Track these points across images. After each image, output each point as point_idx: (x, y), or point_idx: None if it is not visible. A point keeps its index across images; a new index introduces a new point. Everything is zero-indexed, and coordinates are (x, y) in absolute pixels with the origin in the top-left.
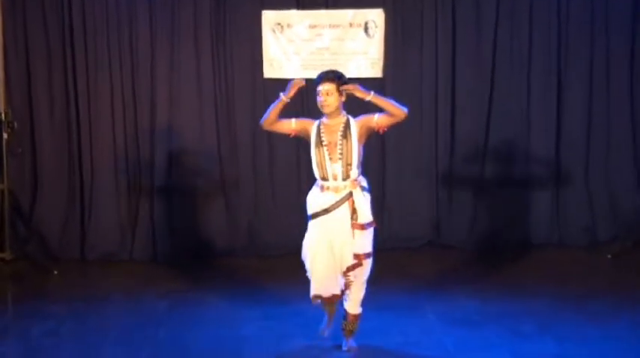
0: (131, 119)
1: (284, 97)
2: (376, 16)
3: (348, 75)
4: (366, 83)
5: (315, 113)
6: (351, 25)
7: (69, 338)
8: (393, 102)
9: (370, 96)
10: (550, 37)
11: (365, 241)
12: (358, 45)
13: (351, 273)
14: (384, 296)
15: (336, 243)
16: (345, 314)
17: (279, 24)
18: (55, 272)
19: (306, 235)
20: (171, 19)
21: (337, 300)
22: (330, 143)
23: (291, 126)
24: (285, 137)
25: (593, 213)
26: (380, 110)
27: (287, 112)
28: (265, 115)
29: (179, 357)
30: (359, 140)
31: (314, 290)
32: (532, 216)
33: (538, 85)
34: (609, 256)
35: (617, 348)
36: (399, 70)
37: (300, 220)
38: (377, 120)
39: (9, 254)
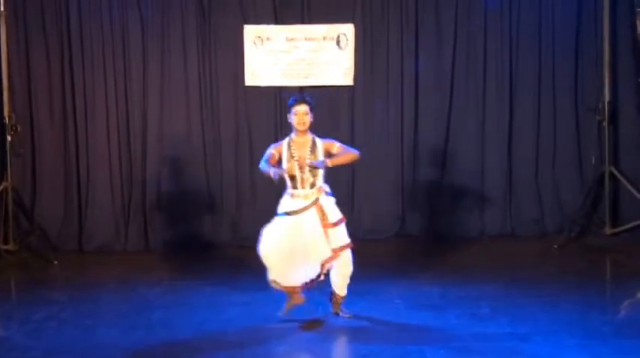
0: (124, 122)
1: (272, 174)
2: (347, 30)
3: (322, 83)
4: (339, 90)
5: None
6: (324, 38)
7: (68, 322)
8: (347, 153)
9: (329, 164)
10: (502, 51)
11: (340, 235)
12: (331, 56)
13: (327, 265)
14: (355, 282)
15: (308, 242)
16: (333, 292)
17: (259, 37)
18: (55, 262)
19: (270, 226)
20: (161, 32)
21: (298, 291)
22: (300, 157)
23: (276, 157)
24: (265, 140)
25: (542, 208)
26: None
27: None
28: (263, 170)
29: (169, 339)
30: (323, 156)
31: (272, 275)
32: (487, 211)
33: (492, 93)
34: (556, 246)
35: (563, 327)
36: (368, 79)
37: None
38: (336, 150)
39: (13, 245)
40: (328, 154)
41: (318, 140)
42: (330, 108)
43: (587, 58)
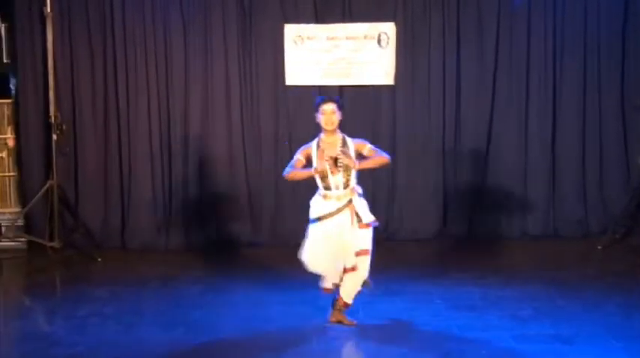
0: (165, 122)
1: (313, 171)
2: (388, 29)
3: (363, 82)
4: (380, 90)
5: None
6: (365, 37)
7: (110, 319)
8: (378, 157)
9: (357, 167)
10: (546, 49)
11: (367, 238)
12: (372, 55)
13: (350, 271)
14: (395, 283)
15: (338, 244)
16: (338, 298)
17: (299, 36)
18: (99, 259)
19: (310, 238)
20: (203, 32)
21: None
22: (330, 157)
23: (303, 163)
24: (305, 139)
25: (586, 208)
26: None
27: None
28: (288, 175)
29: (210, 335)
30: (355, 155)
31: (325, 283)
32: (530, 211)
33: (535, 92)
34: (599, 247)
35: (607, 330)
36: (409, 78)
37: None
38: (367, 152)
39: (58, 243)
40: (359, 155)
41: (348, 139)
42: (371, 107)
43: (634, 55)
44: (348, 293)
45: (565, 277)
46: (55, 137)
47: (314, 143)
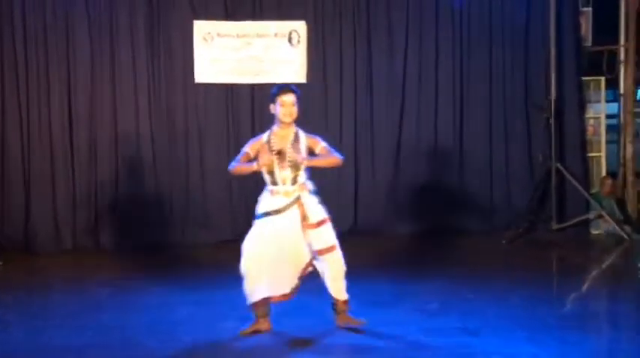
0: (68, 119)
1: (256, 166)
2: (299, 27)
3: (274, 81)
4: None
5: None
6: (276, 35)
7: (14, 325)
8: (330, 156)
9: (305, 163)
10: (454, 47)
11: (323, 237)
12: (283, 53)
13: (308, 269)
14: (304, 279)
15: (287, 243)
16: (335, 301)
17: (209, 33)
18: (0, 263)
19: (252, 233)
20: (109, 27)
21: (286, 300)
22: (278, 150)
23: (250, 157)
24: (215, 138)
25: (491, 204)
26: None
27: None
28: (233, 169)
29: (119, 339)
30: (306, 152)
31: (262, 294)
32: (437, 206)
33: (444, 90)
34: (503, 241)
35: (512, 321)
36: (321, 76)
37: (229, 214)
38: (319, 150)
39: None
40: (311, 151)
41: (301, 134)
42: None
43: (535, 55)
44: (337, 289)
45: (471, 271)
46: None
47: (265, 136)
